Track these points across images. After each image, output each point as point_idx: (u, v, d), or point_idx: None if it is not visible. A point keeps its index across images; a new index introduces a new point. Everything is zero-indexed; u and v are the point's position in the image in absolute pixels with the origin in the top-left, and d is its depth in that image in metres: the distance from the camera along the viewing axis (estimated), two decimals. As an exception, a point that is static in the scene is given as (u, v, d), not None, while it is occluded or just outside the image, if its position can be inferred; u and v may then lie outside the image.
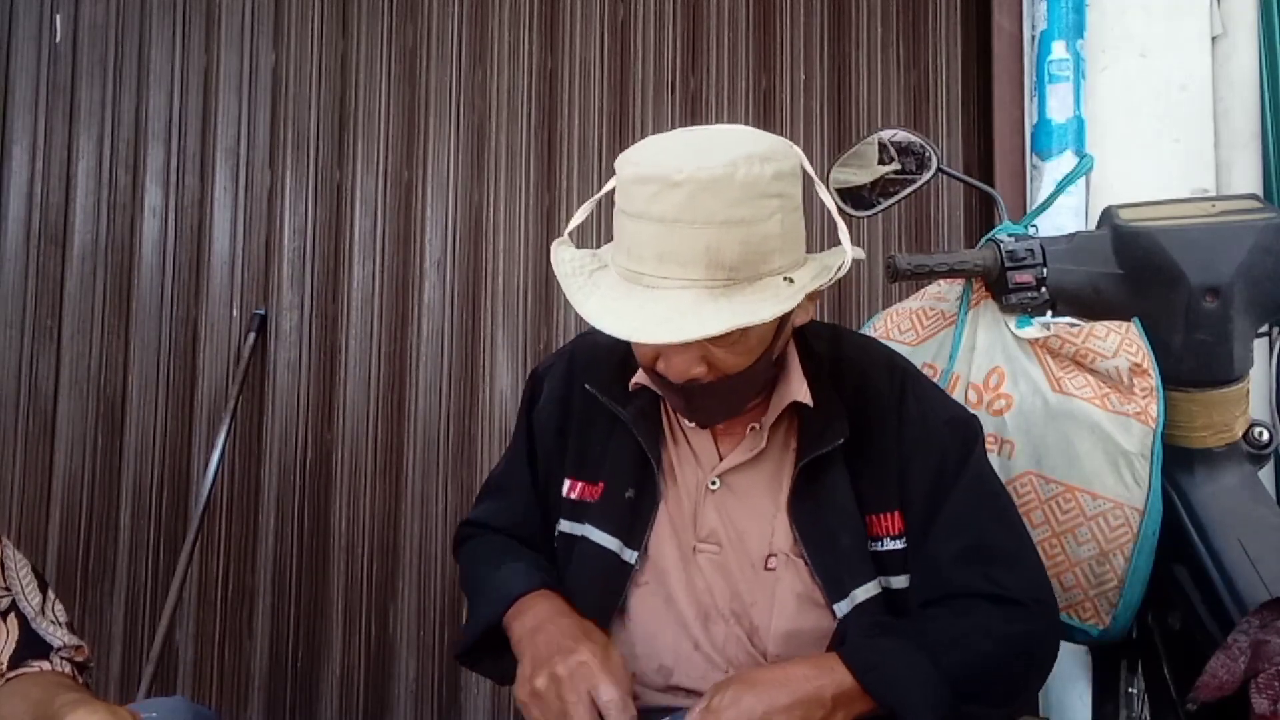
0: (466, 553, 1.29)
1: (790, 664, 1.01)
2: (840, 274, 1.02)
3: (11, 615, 1.12)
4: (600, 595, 1.12)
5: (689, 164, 0.93)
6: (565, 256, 1.06)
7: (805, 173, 1.03)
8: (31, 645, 1.12)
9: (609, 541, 1.14)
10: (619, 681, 0.97)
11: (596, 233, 2.42)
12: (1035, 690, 1.09)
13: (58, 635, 1.14)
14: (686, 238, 0.94)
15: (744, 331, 0.98)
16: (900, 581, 1.09)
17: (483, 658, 1.17)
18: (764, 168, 0.95)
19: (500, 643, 1.12)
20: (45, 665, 1.12)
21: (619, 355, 1.19)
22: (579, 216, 1.09)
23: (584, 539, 1.16)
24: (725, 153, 0.95)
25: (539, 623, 1.06)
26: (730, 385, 1.04)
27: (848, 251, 1.01)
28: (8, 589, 1.14)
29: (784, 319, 1.04)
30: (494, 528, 1.27)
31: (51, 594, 1.19)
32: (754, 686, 0.97)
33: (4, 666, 1.09)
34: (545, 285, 2.46)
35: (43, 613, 1.15)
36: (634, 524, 1.13)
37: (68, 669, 1.15)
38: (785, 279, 0.98)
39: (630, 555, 1.12)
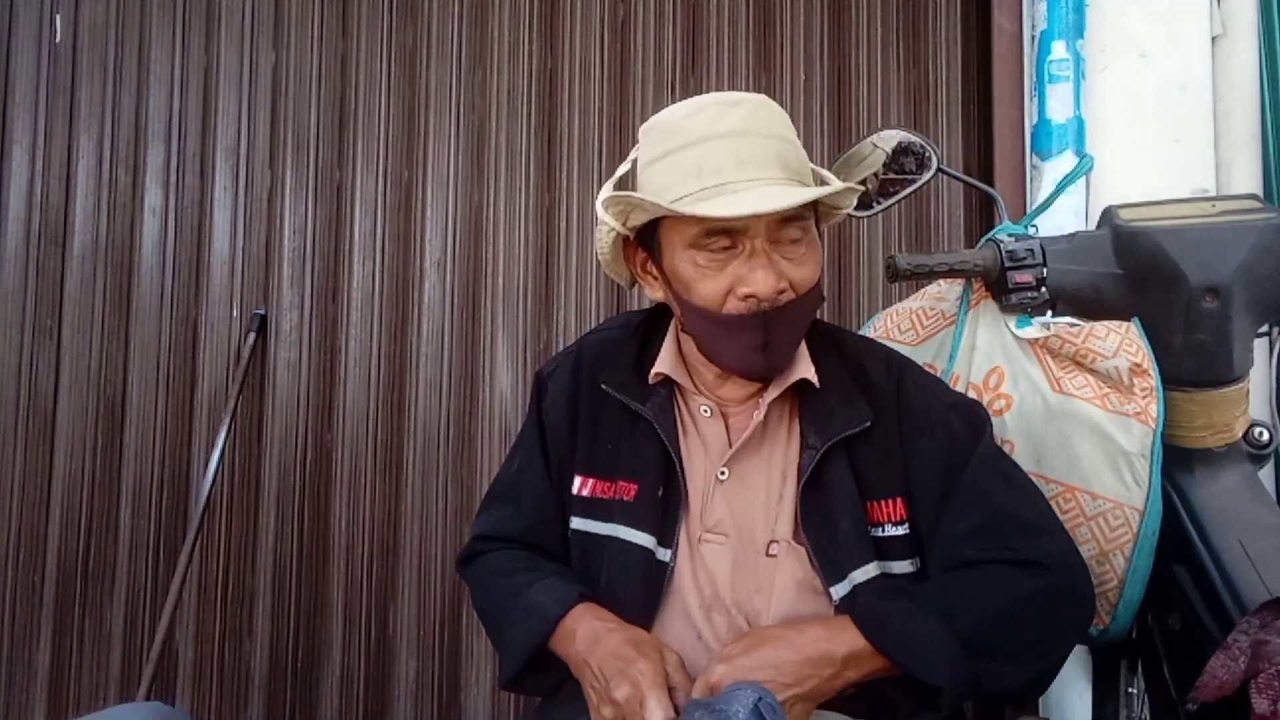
0: (480, 570, 1.26)
1: (804, 623, 1.04)
2: (852, 204, 1.17)
3: None
4: (642, 596, 1.12)
5: (736, 95, 1.08)
6: (629, 197, 1.08)
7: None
8: None
9: (646, 540, 1.13)
10: (665, 701, 0.98)
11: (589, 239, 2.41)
12: (1067, 649, 1.09)
13: None
14: (760, 144, 1.04)
15: (811, 241, 1.08)
16: (901, 567, 1.10)
17: (528, 679, 1.16)
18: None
19: (542, 661, 1.13)
20: None
21: (631, 352, 1.21)
22: (609, 187, 1.13)
23: (614, 539, 1.15)
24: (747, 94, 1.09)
25: (591, 644, 1.06)
26: (802, 307, 1.09)
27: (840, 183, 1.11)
28: None
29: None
30: (507, 538, 1.25)
31: None
32: (766, 641, 1.01)
33: None
34: (545, 285, 2.46)
35: None
36: (664, 521, 1.13)
37: None
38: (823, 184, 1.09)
39: (665, 554, 1.12)
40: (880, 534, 1.11)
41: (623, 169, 1.13)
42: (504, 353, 2.45)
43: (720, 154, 1.03)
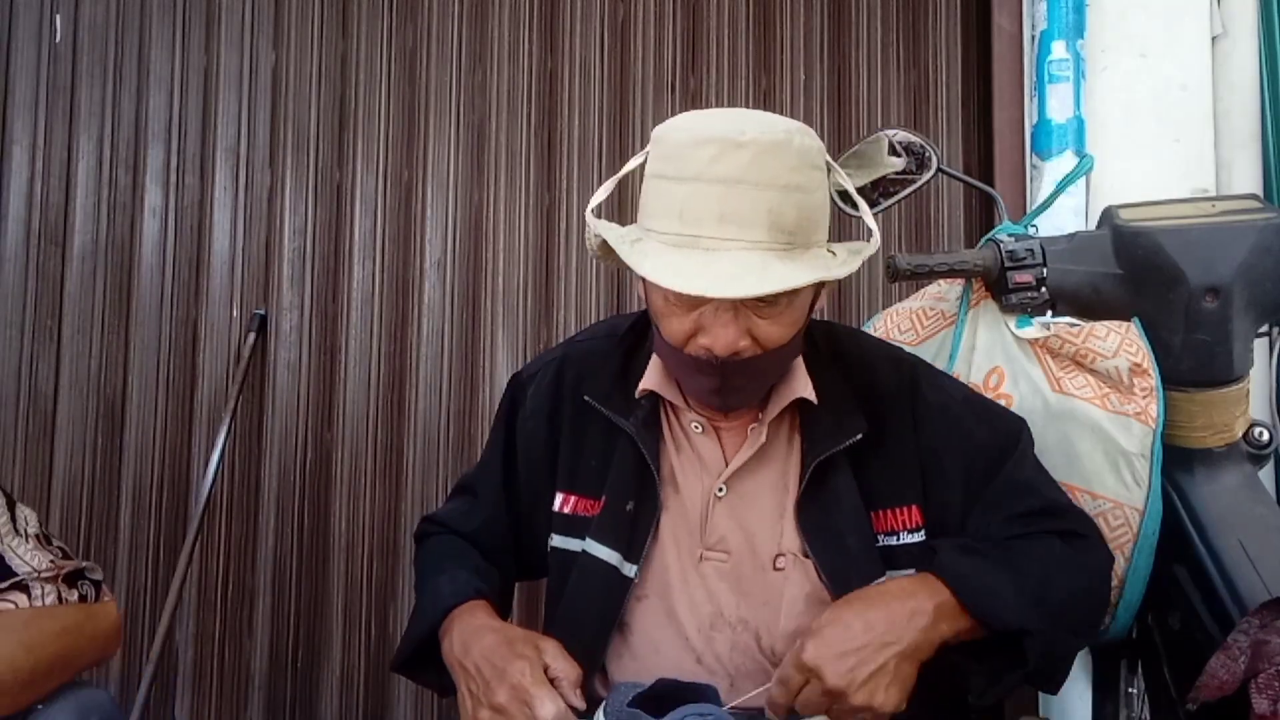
0: (420, 553, 1.27)
1: (885, 584, 1.02)
2: (873, 249, 1.05)
3: None
4: (600, 610, 1.10)
5: (750, 127, 0.95)
6: (604, 226, 1.05)
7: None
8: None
9: (609, 555, 1.11)
10: (553, 694, 0.95)
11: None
12: (1101, 624, 1.13)
13: (26, 559, 1.06)
14: (750, 198, 0.94)
15: (790, 301, 0.99)
16: None
17: (425, 668, 1.13)
18: (811, 140, 0.98)
19: (438, 653, 1.10)
20: (22, 599, 1.04)
21: (615, 364, 1.17)
22: (604, 191, 1.07)
23: (584, 554, 1.13)
24: (779, 122, 0.97)
25: (465, 645, 1.03)
26: (767, 361, 1.03)
27: (875, 230, 1.05)
28: None
29: (811, 302, 1.06)
30: (453, 530, 1.25)
31: (24, 509, 1.11)
32: (850, 603, 0.98)
33: None
34: (545, 285, 2.46)
35: (14, 531, 1.07)
36: (634, 537, 1.11)
37: (50, 597, 1.06)
38: (829, 251, 1.01)
39: (630, 569, 1.10)
40: (894, 543, 1.08)
41: (629, 166, 1.08)
42: (504, 353, 2.45)
43: (705, 202, 0.95)
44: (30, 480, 2.50)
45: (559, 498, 1.18)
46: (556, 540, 1.17)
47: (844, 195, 1.41)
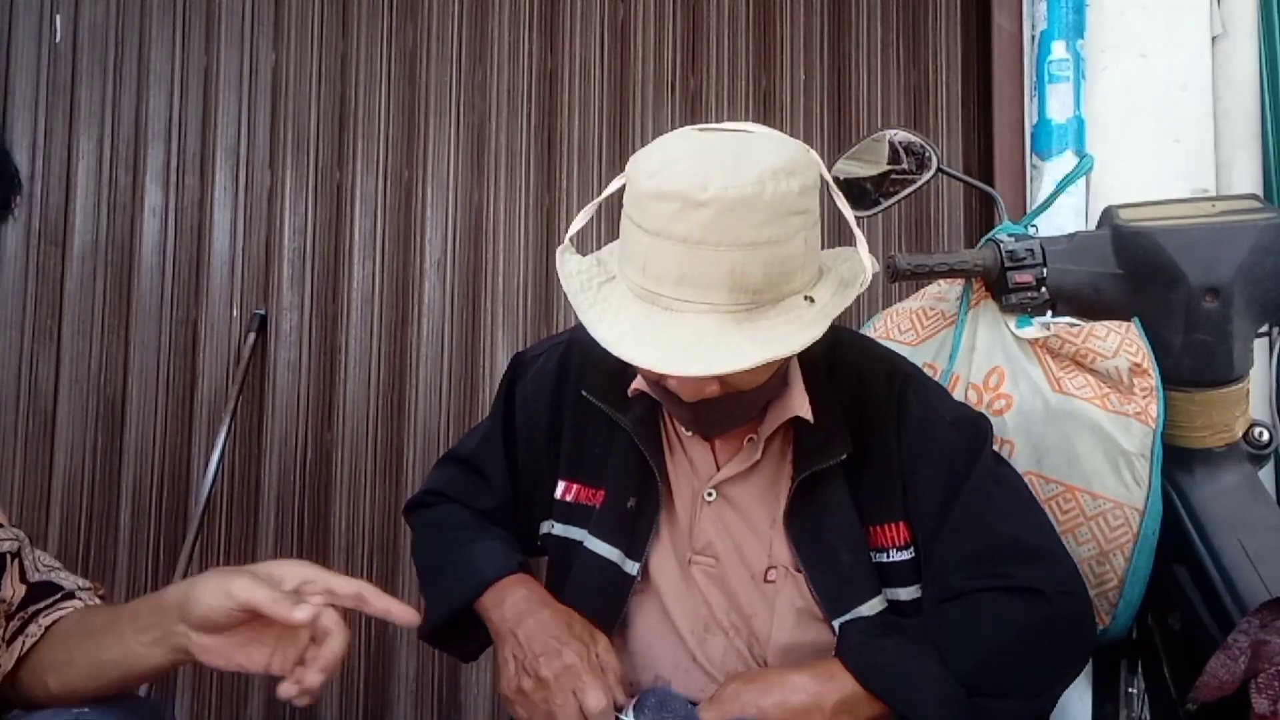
0: (429, 518, 1.25)
1: (792, 670, 0.99)
2: (862, 289, 0.98)
3: (14, 564, 1.03)
4: (601, 606, 1.10)
5: (714, 181, 0.87)
6: (572, 268, 1.01)
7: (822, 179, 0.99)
8: (41, 593, 1.03)
9: (610, 552, 1.11)
10: (605, 686, 0.96)
11: (596, 230, 2.42)
12: (1066, 682, 1.04)
13: (68, 578, 1.06)
14: (710, 260, 0.88)
15: None
16: (909, 593, 1.07)
17: (450, 637, 1.14)
18: (790, 183, 0.90)
19: (466, 621, 1.10)
20: (76, 604, 1.04)
21: (615, 358, 1.17)
22: (580, 221, 1.04)
23: (581, 546, 1.13)
24: (752, 167, 0.89)
25: (520, 614, 1.03)
26: (741, 399, 1.00)
27: (868, 267, 0.98)
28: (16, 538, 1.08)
29: None
30: (461, 503, 1.23)
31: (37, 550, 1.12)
32: (754, 683, 0.97)
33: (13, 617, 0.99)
34: (545, 285, 2.46)
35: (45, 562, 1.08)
36: (635, 534, 1.10)
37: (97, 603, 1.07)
38: (806, 298, 0.95)
39: (632, 567, 1.10)
40: (885, 560, 1.06)
41: (608, 191, 1.05)
42: (504, 353, 2.45)
43: (664, 261, 0.90)
44: (30, 480, 2.50)
45: (561, 485, 1.17)
46: (558, 529, 1.17)
47: (846, 194, 1.40)
